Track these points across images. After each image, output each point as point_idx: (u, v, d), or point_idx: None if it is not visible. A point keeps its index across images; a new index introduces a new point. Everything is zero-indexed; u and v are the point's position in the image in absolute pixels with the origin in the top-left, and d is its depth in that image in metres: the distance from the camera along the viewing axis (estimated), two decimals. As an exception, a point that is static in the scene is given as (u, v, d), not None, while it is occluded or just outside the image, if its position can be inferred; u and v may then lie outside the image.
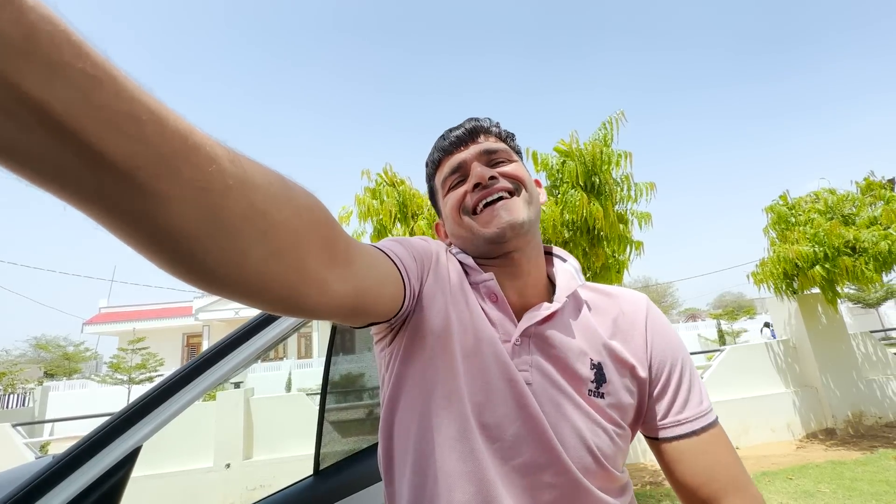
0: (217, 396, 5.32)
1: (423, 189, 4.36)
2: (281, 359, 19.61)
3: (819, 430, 6.08)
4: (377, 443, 1.17)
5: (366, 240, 4.28)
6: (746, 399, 6.02)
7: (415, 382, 0.62)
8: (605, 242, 3.90)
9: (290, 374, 15.33)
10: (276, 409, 5.46)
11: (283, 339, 1.00)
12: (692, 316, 34.32)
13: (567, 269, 0.72)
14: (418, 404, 0.61)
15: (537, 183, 0.74)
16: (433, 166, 0.75)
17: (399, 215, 4.17)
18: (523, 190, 0.69)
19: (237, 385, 5.87)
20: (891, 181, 5.72)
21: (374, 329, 0.68)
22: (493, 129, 0.73)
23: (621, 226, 3.90)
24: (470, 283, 0.68)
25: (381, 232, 4.20)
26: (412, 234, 4.05)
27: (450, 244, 0.77)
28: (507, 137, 0.75)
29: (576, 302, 0.70)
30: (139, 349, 14.79)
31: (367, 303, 0.52)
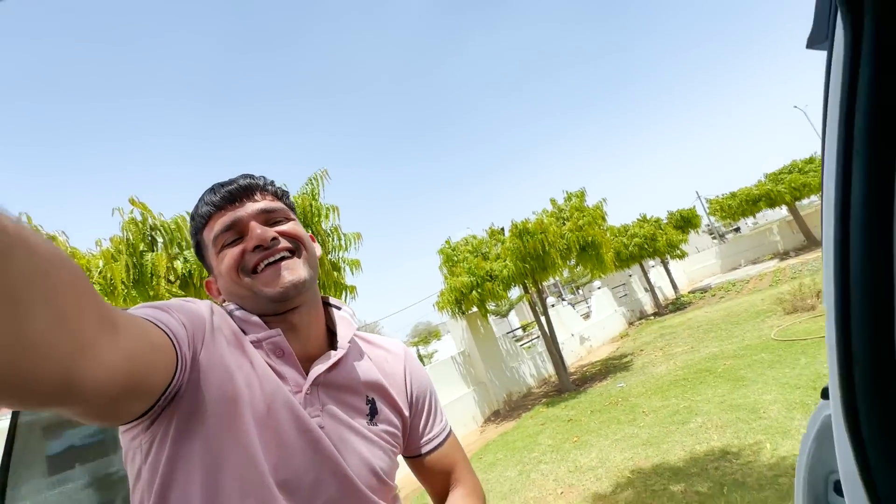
0: None
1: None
2: None
3: (491, 414, 8.10)
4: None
5: None
6: (446, 405, 7.38)
7: (195, 461, 0.56)
8: (323, 290, 4.10)
9: None
10: None
11: None
12: (397, 348, 38.95)
13: (344, 317, 0.77)
14: (203, 484, 0.56)
15: (312, 238, 0.76)
16: (202, 220, 0.70)
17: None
18: (303, 249, 0.70)
19: None
20: (501, 229, 8.50)
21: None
22: (269, 187, 0.72)
23: (336, 273, 4.21)
24: (252, 341, 0.66)
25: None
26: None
27: (223, 301, 0.72)
28: (282, 196, 0.74)
29: (354, 346, 0.76)
30: None
31: (141, 374, 0.48)
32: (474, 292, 7.46)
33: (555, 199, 8.66)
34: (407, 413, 0.78)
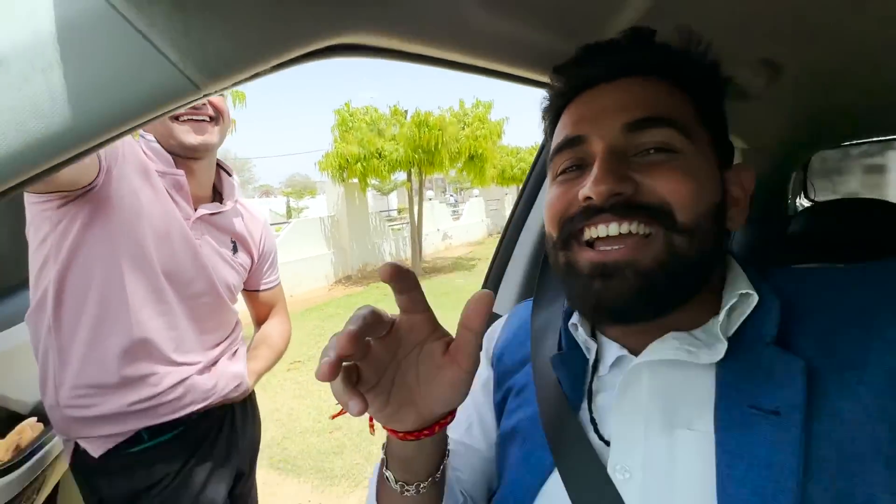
0: None
1: None
2: None
3: (343, 278, 8.82)
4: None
5: None
6: (302, 259, 7.78)
7: (99, 242, 0.80)
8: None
9: None
10: None
11: None
12: (266, 192, 37.10)
13: (233, 184, 1.04)
14: (104, 258, 0.80)
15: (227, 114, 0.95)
16: None
17: None
18: (221, 120, 0.90)
19: None
20: (405, 112, 8.41)
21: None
22: None
23: (216, 100, 3.92)
24: (158, 171, 0.86)
25: None
26: None
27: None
28: None
29: (234, 206, 1.03)
30: None
31: (80, 174, 0.72)
32: (359, 164, 7.54)
33: (463, 102, 8.76)
34: (256, 259, 1.10)
